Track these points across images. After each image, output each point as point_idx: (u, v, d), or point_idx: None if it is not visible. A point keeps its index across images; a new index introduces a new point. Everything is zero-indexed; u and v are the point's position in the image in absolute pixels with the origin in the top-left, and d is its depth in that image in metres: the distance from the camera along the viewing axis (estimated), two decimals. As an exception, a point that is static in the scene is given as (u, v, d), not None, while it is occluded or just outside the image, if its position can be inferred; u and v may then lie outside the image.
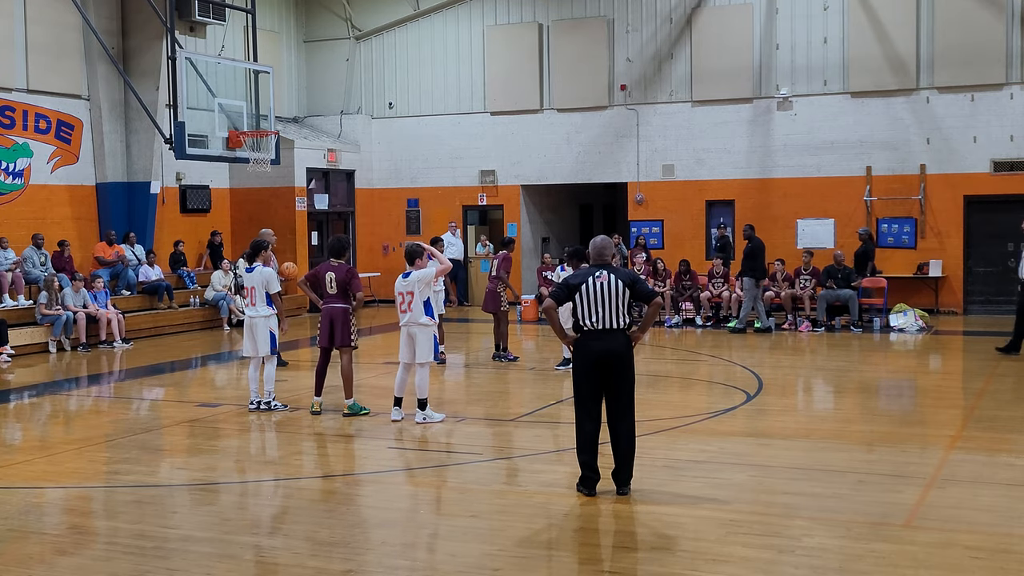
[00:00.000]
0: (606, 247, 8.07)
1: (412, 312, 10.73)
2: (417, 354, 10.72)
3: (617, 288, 7.78)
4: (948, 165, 20.94)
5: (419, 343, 10.71)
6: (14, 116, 19.03)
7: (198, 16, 20.56)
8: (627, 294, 7.81)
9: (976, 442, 9.67)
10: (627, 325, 7.86)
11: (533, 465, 9.06)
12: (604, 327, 7.78)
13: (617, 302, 7.78)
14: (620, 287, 7.79)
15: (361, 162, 25.61)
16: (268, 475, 9.11)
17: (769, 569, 6.35)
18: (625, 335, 7.85)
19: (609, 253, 8.08)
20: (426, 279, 10.75)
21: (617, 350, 7.77)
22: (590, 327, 7.81)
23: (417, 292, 10.70)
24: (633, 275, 8.03)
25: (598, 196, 27.23)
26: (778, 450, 9.51)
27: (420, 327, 10.71)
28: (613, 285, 7.78)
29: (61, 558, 6.77)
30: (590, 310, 7.79)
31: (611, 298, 7.77)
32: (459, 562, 6.55)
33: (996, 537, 6.80)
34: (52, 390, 14.08)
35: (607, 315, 7.78)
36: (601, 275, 7.83)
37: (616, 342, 7.79)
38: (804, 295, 19.16)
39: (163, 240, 21.82)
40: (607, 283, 7.79)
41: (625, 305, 7.82)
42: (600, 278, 7.81)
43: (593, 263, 8.03)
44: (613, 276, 7.82)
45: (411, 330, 10.76)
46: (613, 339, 7.79)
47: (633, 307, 8.28)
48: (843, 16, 21.53)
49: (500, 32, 24.44)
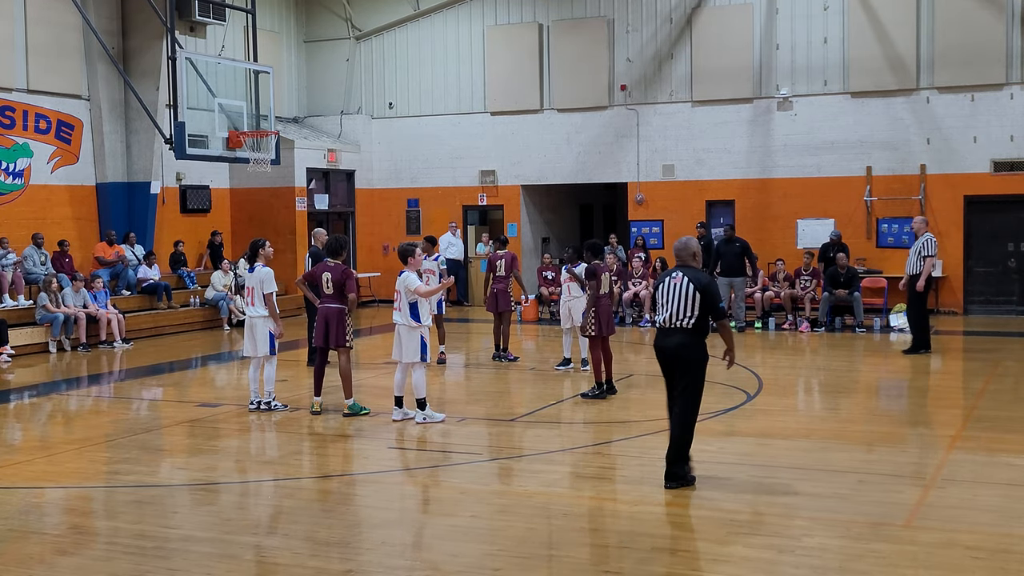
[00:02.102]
0: (683, 249, 8.33)
1: (403, 311, 10.79)
2: (403, 354, 10.76)
3: (687, 291, 8.05)
4: (948, 165, 20.94)
5: (405, 343, 10.75)
6: (14, 116, 19.03)
7: (198, 16, 20.55)
8: (697, 298, 8.03)
9: (976, 442, 9.67)
10: (693, 326, 8.07)
11: (533, 465, 9.06)
12: (668, 325, 8.15)
13: (683, 303, 8.06)
14: (691, 290, 8.05)
15: (361, 162, 25.61)
16: (268, 475, 9.11)
17: (769, 569, 6.35)
18: (687, 334, 8.09)
19: (687, 254, 8.29)
20: (409, 286, 10.74)
21: (673, 348, 8.13)
22: (660, 324, 8.24)
23: (402, 293, 10.74)
24: (707, 283, 8.17)
25: (598, 196, 27.23)
26: (778, 450, 9.52)
27: (406, 328, 10.75)
28: (684, 287, 8.07)
29: (61, 558, 6.77)
30: (661, 308, 8.21)
31: (678, 299, 8.07)
32: (459, 562, 6.54)
33: (996, 537, 6.80)
34: (52, 390, 14.08)
35: (672, 314, 8.11)
36: (676, 276, 8.17)
37: (674, 340, 8.11)
38: (804, 295, 19.16)
39: (163, 240, 21.82)
40: (679, 284, 8.10)
41: (692, 307, 8.04)
42: (675, 279, 8.15)
43: (677, 264, 8.36)
44: (686, 279, 8.10)
45: (399, 329, 10.83)
46: (673, 337, 8.13)
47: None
48: (843, 16, 21.53)
49: (500, 32, 24.44)
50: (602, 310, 12.00)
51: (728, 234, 19.18)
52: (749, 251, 19.17)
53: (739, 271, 18.90)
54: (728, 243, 19.01)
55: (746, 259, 19.06)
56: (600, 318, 11.98)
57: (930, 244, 15.35)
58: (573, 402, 12.05)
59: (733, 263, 18.87)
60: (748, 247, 19.29)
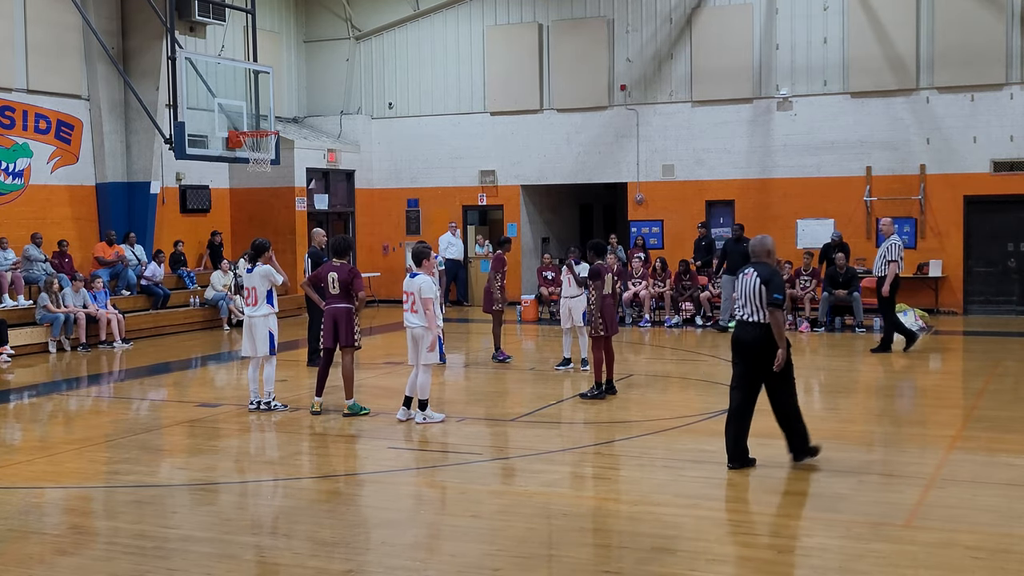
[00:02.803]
0: (757, 246, 8.84)
1: (417, 314, 10.69)
2: (422, 357, 10.70)
3: (755, 286, 8.53)
4: (948, 165, 20.94)
5: (421, 346, 10.68)
6: (14, 116, 19.03)
7: (198, 16, 20.55)
8: (764, 290, 8.48)
9: (976, 442, 9.67)
10: (765, 319, 8.47)
11: (533, 465, 9.06)
12: (741, 318, 8.67)
13: (753, 298, 8.54)
14: (758, 285, 8.52)
15: (361, 162, 25.62)
16: (268, 475, 9.11)
17: (769, 569, 6.34)
18: (762, 328, 8.50)
19: (762, 251, 8.79)
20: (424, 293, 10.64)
21: (749, 341, 8.60)
22: (738, 318, 8.76)
23: (416, 296, 10.66)
24: (769, 274, 8.57)
25: (598, 196, 27.23)
26: (778, 450, 9.50)
27: (424, 330, 10.68)
28: (753, 283, 8.56)
29: (61, 558, 6.77)
30: (739, 303, 8.71)
31: (750, 294, 8.58)
32: (459, 562, 6.54)
33: (996, 537, 6.80)
34: (52, 390, 14.08)
35: (745, 308, 8.62)
36: (748, 272, 8.68)
37: (750, 334, 8.59)
38: (804, 296, 19.16)
39: (163, 240, 21.82)
40: (750, 280, 8.60)
41: (762, 302, 8.48)
42: (747, 275, 8.67)
43: (751, 260, 8.85)
44: (755, 275, 8.59)
45: (415, 332, 10.72)
46: (744, 330, 8.65)
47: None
48: (843, 16, 21.53)
49: (500, 32, 24.44)
50: (606, 310, 11.98)
51: (737, 234, 19.13)
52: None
53: None
54: (737, 243, 18.96)
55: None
56: (604, 318, 11.95)
57: (894, 248, 15.58)
58: (573, 402, 12.05)
59: (740, 263, 18.78)
60: None
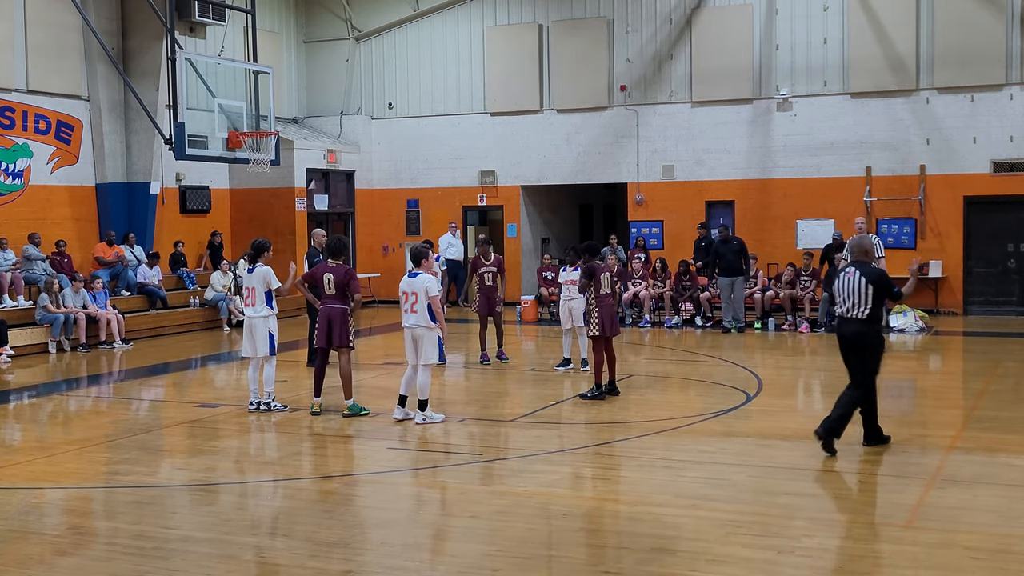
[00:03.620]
0: (856, 246, 9.38)
1: (418, 314, 10.69)
2: (421, 356, 10.69)
3: (860, 285, 9.01)
4: (948, 166, 20.94)
5: (423, 345, 10.67)
6: (14, 116, 19.03)
7: (198, 17, 20.56)
8: (870, 290, 8.96)
9: (976, 442, 9.67)
10: (868, 316, 9.00)
11: (533, 465, 9.05)
12: (847, 315, 9.11)
13: (857, 297, 9.00)
14: (863, 284, 9.01)
15: (361, 162, 25.62)
16: (268, 476, 9.11)
17: (769, 569, 6.34)
18: (862, 323, 9.03)
19: (861, 251, 9.32)
20: (430, 291, 10.66)
21: (849, 335, 9.14)
22: (840, 315, 9.24)
23: (421, 296, 10.66)
24: (878, 276, 9.09)
25: (598, 196, 27.23)
26: (778, 450, 9.51)
27: (425, 330, 10.68)
28: (857, 282, 9.04)
29: (61, 558, 6.77)
30: (840, 299, 9.17)
31: (854, 293, 9.03)
32: (459, 562, 6.54)
33: (996, 537, 6.79)
34: (52, 391, 14.08)
35: (848, 305, 9.09)
36: (850, 271, 9.15)
37: (849, 329, 9.13)
38: (804, 296, 19.15)
39: (163, 241, 21.82)
40: (852, 279, 9.08)
41: (866, 299, 8.97)
42: (848, 274, 9.15)
43: (851, 260, 9.38)
44: (859, 274, 9.07)
45: (415, 332, 10.71)
46: (848, 326, 9.15)
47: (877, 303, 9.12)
48: (843, 16, 21.53)
49: (500, 32, 24.45)
50: (605, 310, 11.96)
51: (724, 234, 19.16)
52: (745, 250, 19.14)
53: (739, 270, 18.88)
54: (725, 243, 18.99)
55: (742, 258, 19.00)
56: (603, 319, 11.93)
57: (880, 246, 16.04)
58: (573, 403, 12.05)
59: (733, 262, 18.83)
60: (744, 246, 19.24)
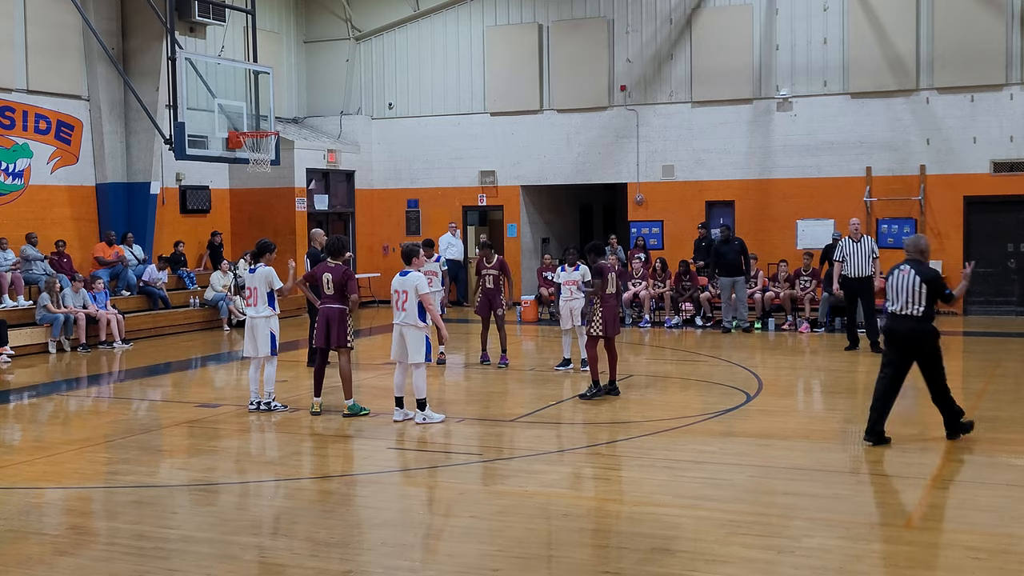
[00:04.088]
0: (911, 245, 9.54)
1: (407, 312, 10.73)
2: (408, 354, 10.73)
3: (914, 283, 9.19)
4: (948, 166, 20.94)
5: (409, 343, 10.71)
6: (14, 116, 19.03)
7: (198, 17, 20.54)
8: (923, 289, 9.13)
9: (976, 442, 9.66)
10: (921, 313, 9.17)
11: (533, 465, 9.05)
12: (900, 312, 9.27)
13: (910, 294, 9.19)
14: (917, 282, 9.18)
15: (361, 163, 25.62)
16: (268, 475, 9.11)
17: (769, 569, 6.34)
18: (916, 320, 9.20)
19: (916, 250, 9.44)
20: (419, 289, 10.69)
21: (905, 333, 9.28)
22: (892, 311, 9.38)
23: (411, 294, 10.70)
24: (932, 275, 9.26)
25: (598, 197, 27.24)
26: (778, 450, 9.51)
27: (412, 328, 10.71)
28: (911, 280, 9.21)
29: (61, 558, 6.77)
30: (892, 296, 9.35)
31: (906, 290, 9.21)
32: (459, 562, 6.54)
33: (996, 537, 6.79)
34: (52, 391, 14.08)
35: (901, 303, 9.25)
36: (903, 269, 9.31)
37: (905, 326, 9.27)
38: (804, 296, 19.15)
39: (163, 241, 21.82)
40: (906, 277, 9.24)
41: (920, 297, 9.15)
42: (902, 271, 9.31)
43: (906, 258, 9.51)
44: (913, 272, 9.24)
45: (403, 329, 10.77)
46: (901, 322, 9.29)
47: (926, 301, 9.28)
48: (843, 16, 21.53)
49: (500, 32, 24.45)
50: (608, 311, 11.95)
51: (725, 234, 19.16)
52: (745, 251, 19.14)
53: (740, 270, 18.88)
54: (726, 243, 18.99)
55: (742, 258, 19.00)
56: (606, 319, 11.92)
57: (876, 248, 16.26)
58: (573, 403, 12.05)
59: (734, 262, 18.83)
60: (744, 246, 19.24)
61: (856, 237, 16.03)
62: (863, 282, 15.90)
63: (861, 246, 15.88)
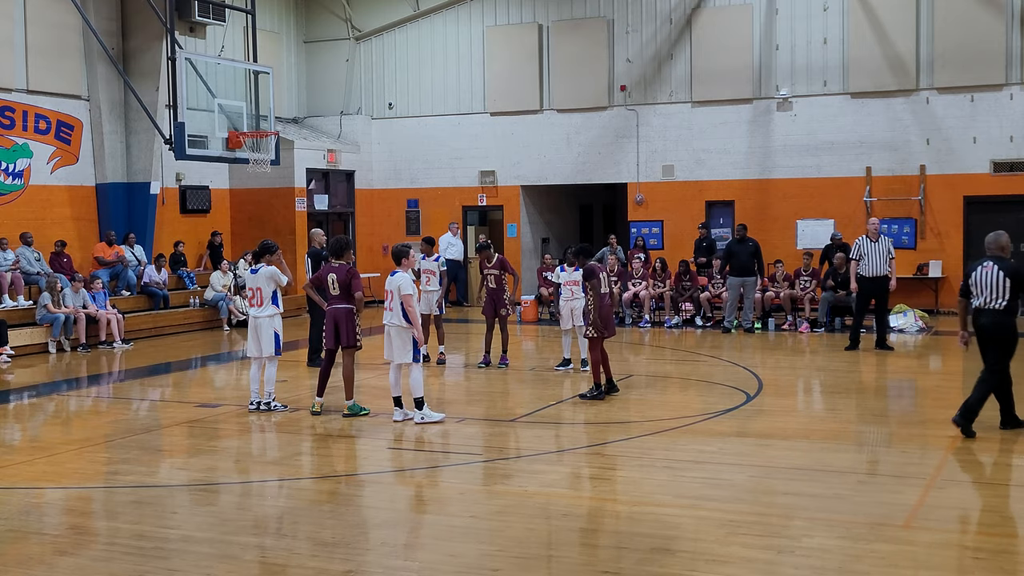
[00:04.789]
0: (992, 242, 9.86)
1: (393, 312, 10.79)
2: (395, 354, 10.77)
3: (998, 278, 9.59)
4: (948, 166, 20.95)
5: (397, 343, 10.76)
6: (14, 116, 19.03)
7: (198, 17, 20.55)
8: (1007, 283, 9.53)
9: (976, 442, 9.66)
10: (1005, 307, 9.55)
11: (533, 465, 9.06)
12: (983, 307, 9.65)
13: (994, 289, 9.58)
14: (1001, 277, 9.59)
15: (361, 163, 25.62)
16: (268, 475, 9.11)
17: (769, 569, 6.34)
18: (999, 315, 9.58)
19: (996, 247, 9.82)
20: (403, 289, 10.72)
21: (988, 326, 9.66)
22: (977, 305, 9.73)
23: (395, 294, 10.75)
24: (1016, 270, 9.65)
25: (598, 196, 27.24)
26: (778, 450, 9.51)
27: (397, 328, 10.75)
28: (995, 275, 9.62)
29: (61, 558, 6.77)
30: (977, 291, 9.70)
31: (990, 285, 9.60)
32: (459, 562, 6.54)
33: (996, 537, 6.80)
34: (52, 390, 14.08)
35: (985, 297, 9.64)
36: (987, 265, 9.70)
37: (988, 319, 9.66)
38: (804, 296, 19.15)
39: (163, 241, 21.82)
40: (990, 272, 9.64)
41: (1003, 292, 9.54)
42: (986, 267, 9.69)
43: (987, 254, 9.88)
44: (996, 268, 9.65)
45: (391, 329, 10.84)
46: (986, 316, 9.67)
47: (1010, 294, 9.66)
48: (843, 16, 21.54)
49: (500, 32, 24.45)
50: (603, 311, 11.96)
51: (740, 234, 19.05)
52: (759, 252, 19.00)
53: (752, 271, 18.79)
54: (741, 243, 18.89)
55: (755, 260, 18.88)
56: (602, 319, 11.93)
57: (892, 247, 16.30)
58: (573, 403, 12.05)
59: (747, 263, 18.70)
60: (759, 248, 19.09)
61: (874, 237, 15.99)
62: (878, 282, 15.86)
63: (879, 246, 15.86)
